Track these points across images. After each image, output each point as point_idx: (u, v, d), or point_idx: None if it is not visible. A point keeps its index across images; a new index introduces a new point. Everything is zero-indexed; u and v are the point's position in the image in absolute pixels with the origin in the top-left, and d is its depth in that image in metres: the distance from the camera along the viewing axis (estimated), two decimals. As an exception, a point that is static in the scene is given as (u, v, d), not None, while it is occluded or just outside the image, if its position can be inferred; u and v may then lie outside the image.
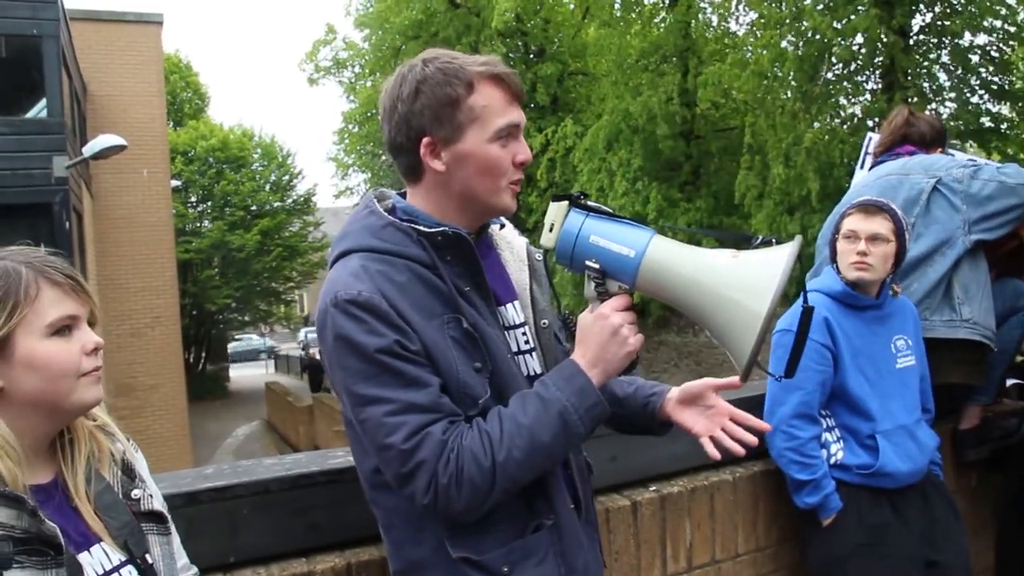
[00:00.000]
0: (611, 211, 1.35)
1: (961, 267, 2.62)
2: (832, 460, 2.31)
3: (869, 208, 2.33)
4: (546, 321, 1.49)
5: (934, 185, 2.61)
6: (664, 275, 1.30)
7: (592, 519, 1.54)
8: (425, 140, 1.32)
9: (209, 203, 28.63)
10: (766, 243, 1.32)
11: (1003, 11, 12.17)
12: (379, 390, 1.24)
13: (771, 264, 1.25)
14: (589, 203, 1.35)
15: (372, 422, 1.25)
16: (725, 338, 1.29)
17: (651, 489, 2.26)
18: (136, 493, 1.20)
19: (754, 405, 2.44)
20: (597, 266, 1.32)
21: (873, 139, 3.15)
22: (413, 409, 1.23)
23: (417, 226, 1.33)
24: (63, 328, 1.10)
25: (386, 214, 1.36)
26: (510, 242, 1.53)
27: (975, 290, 2.61)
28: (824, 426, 2.35)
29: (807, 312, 1.35)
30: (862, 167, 3.22)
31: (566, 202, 1.35)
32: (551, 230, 1.35)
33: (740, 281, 1.26)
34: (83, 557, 1.07)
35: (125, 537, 1.13)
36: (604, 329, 1.32)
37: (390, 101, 1.35)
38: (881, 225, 2.30)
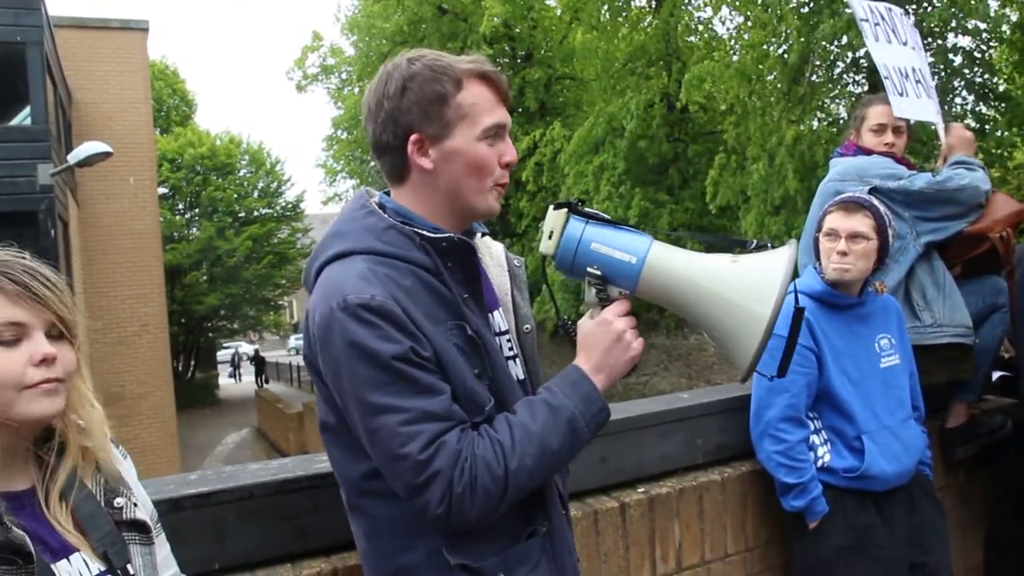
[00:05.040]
0: (609, 218, 1.36)
1: (915, 273, 2.66)
2: (819, 463, 2.31)
3: (850, 206, 2.33)
4: (529, 326, 1.49)
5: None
6: (665, 280, 1.31)
7: (569, 517, 1.55)
8: (413, 137, 1.30)
9: (197, 210, 28.53)
10: (761, 247, 1.34)
11: (982, 9, 12.25)
12: (393, 398, 1.20)
13: (771, 267, 1.27)
14: (588, 210, 1.35)
15: (386, 431, 1.21)
16: (727, 341, 1.30)
17: (640, 490, 2.26)
18: (119, 502, 1.17)
19: (741, 406, 2.45)
20: (599, 273, 1.32)
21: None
22: (428, 418, 1.21)
23: (419, 230, 1.31)
24: (7, 339, 1.06)
25: (385, 215, 1.34)
26: (489, 247, 1.53)
27: (933, 292, 2.63)
28: (811, 428, 2.35)
29: (799, 312, 1.35)
30: None
31: (565, 209, 1.35)
32: (550, 237, 1.35)
33: (743, 285, 1.27)
34: (61, 565, 1.05)
35: (106, 547, 1.11)
36: (608, 335, 1.33)
37: (375, 99, 1.33)
38: (861, 223, 2.30)
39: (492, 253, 1.53)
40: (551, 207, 1.36)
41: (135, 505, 1.19)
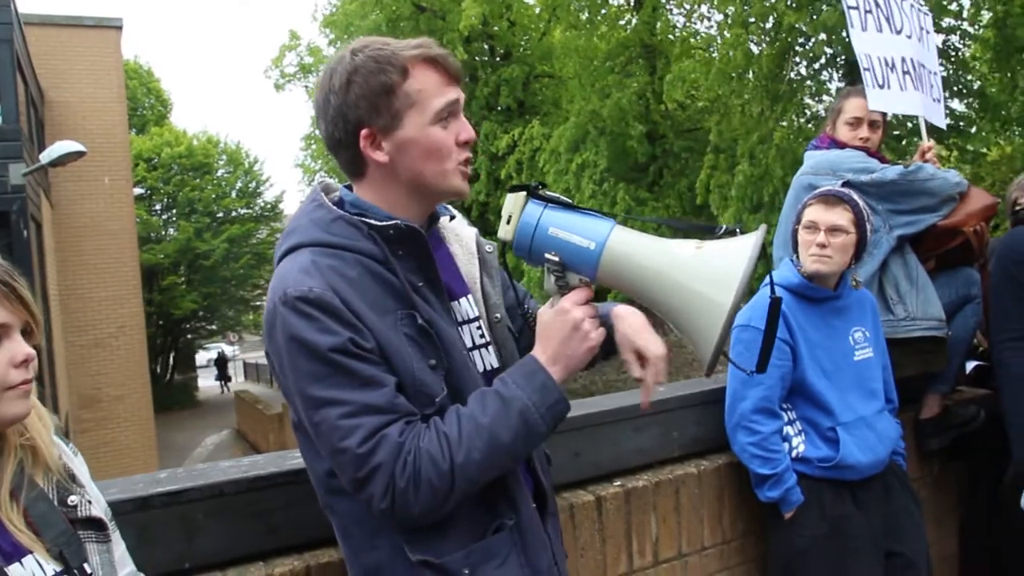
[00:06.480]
0: (570, 202, 1.30)
1: (888, 267, 2.68)
2: (793, 453, 2.32)
3: (830, 199, 2.34)
4: (499, 315, 1.46)
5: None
6: (626, 267, 1.26)
7: (555, 510, 1.53)
8: (364, 132, 1.27)
9: (174, 210, 28.26)
10: (730, 233, 1.28)
11: (953, 6, 12.39)
12: (333, 391, 1.19)
13: (735, 255, 1.21)
14: (547, 193, 1.30)
15: (326, 425, 1.19)
16: (689, 330, 1.26)
17: (615, 484, 2.25)
18: (73, 499, 1.14)
19: (717, 399, 2.46)
20: (557, 259, 1.27)
21: None
22: (369, 411, 1.18)
23: (368, 219, 1.29)
24: None
25: (335, 208, 1.32)
26: (459, 234, 1.49)
27: (906, 286, 2.65)
28: (785, 419, 2.35)
29: (775, 303, 1.30)
30: None
31: (523, 193, 1.30)
32: (508, 222, 1.30)
33: (704, 272, 1.22)
34: (14, 569, 1.02)
35: (61, 547, 1.08)
36: (565, 324, 1.28)
37: (323, 96, 1.30)
38: (841, 216, 2.31)
39: (461, 239, 1.49)
40: (508, 190, 1.32)
41: (89, 502, 1.16)
